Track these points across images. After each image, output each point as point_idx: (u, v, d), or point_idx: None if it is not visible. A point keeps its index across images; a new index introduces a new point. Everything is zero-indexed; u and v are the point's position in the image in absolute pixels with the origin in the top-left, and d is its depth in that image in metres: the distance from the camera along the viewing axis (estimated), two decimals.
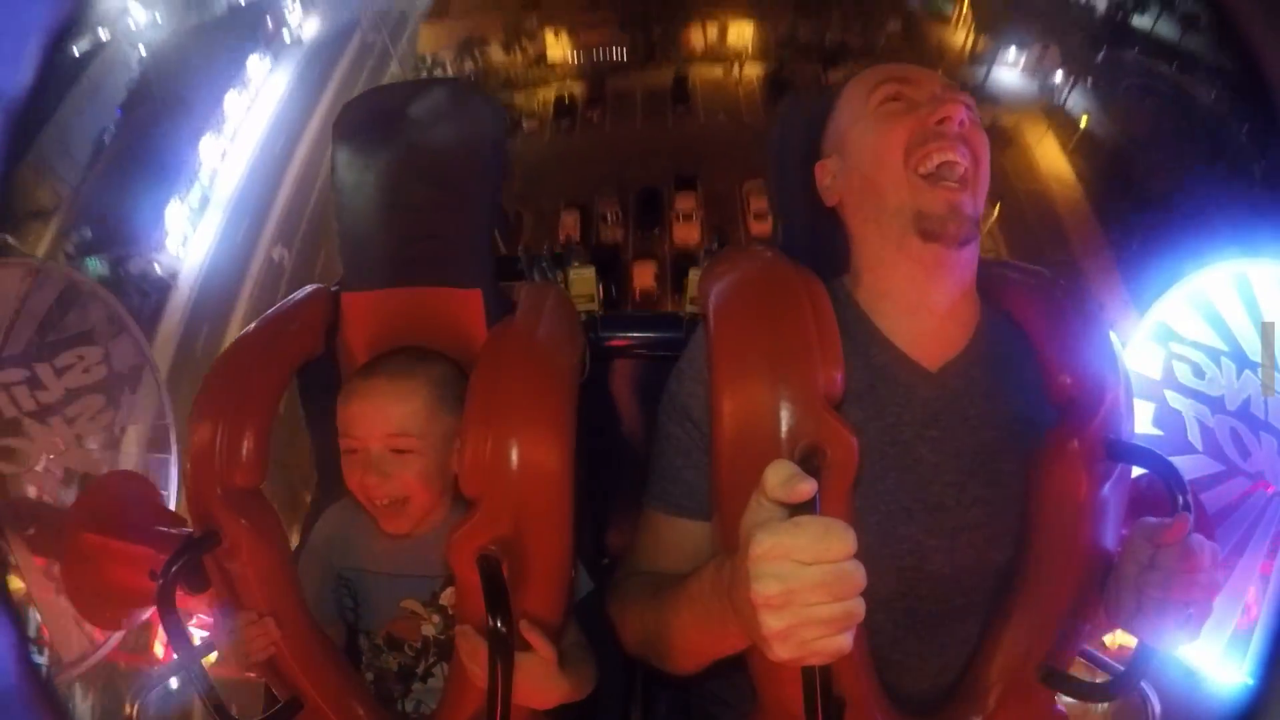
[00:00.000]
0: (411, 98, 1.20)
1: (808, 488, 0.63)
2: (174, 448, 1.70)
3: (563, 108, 15.49)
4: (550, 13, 15.89)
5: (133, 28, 20.99)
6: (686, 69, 15.66)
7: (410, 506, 1.05)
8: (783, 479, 0.64)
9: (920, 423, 0.93)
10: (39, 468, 1.53)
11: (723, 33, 15.83)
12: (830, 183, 1.01)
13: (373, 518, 1.10)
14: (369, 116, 1.23)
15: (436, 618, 1.08)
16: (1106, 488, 0.90)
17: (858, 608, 0.63)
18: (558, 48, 15.96)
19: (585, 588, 1.12)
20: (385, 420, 1.03)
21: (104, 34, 22.03)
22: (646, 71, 15.71)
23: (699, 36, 15.77)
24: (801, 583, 0.61)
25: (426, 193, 1.19)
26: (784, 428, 0.82)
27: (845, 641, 0.63)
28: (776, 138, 1.15)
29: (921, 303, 0.95)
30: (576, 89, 15.75)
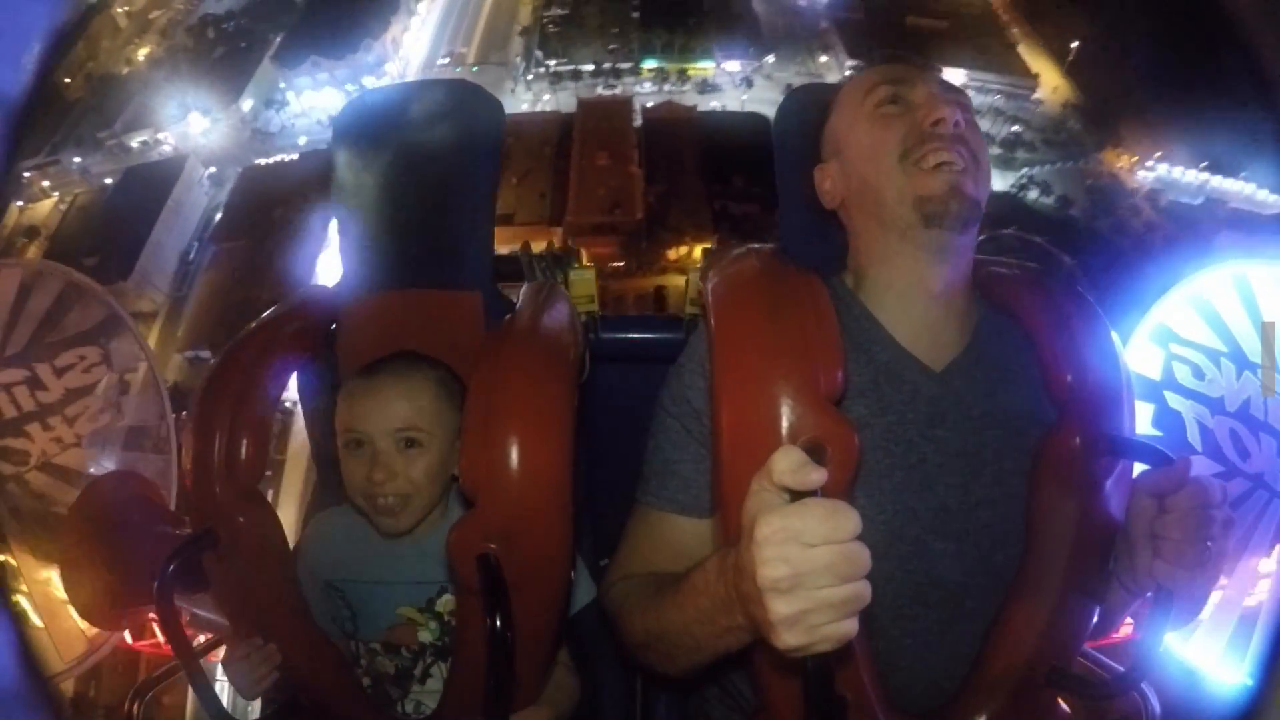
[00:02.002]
0: (411, 98, 1.20)
1: (818, 476, 0.64)
2: (174, 448, 1.70)
3: None
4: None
5: (194, 136, 22.06)
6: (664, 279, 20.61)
7: (412, 505, 1.05)
8: (793, 465, 0.65)
9: (925, 422, 0.93)
10: (39, 468, 1.53)
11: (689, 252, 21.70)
12: (829, 186, 1.01)
13: (366, 524, 1.10)
14: (369, 117, 1.23)
15: (434, 624, 1.08)
16: (1109, 483, 0.90)
17: (864, 590, 0.63)
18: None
19: (589, 594, 1.12)
20: (394, 415, 1.03)
21: (164, 138, 22.77)
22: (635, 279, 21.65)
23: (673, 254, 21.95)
24: (809, 565, 0.62)
25: (425, 194, 1.19)
26: (785, 424, 0.82)
27: (851, 626, 0.63)
28: (776, 138, 1.15)
29: (924, 293, 0.95)
30: None
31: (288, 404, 1.28)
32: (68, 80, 24.48)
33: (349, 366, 1.19)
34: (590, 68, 26.67)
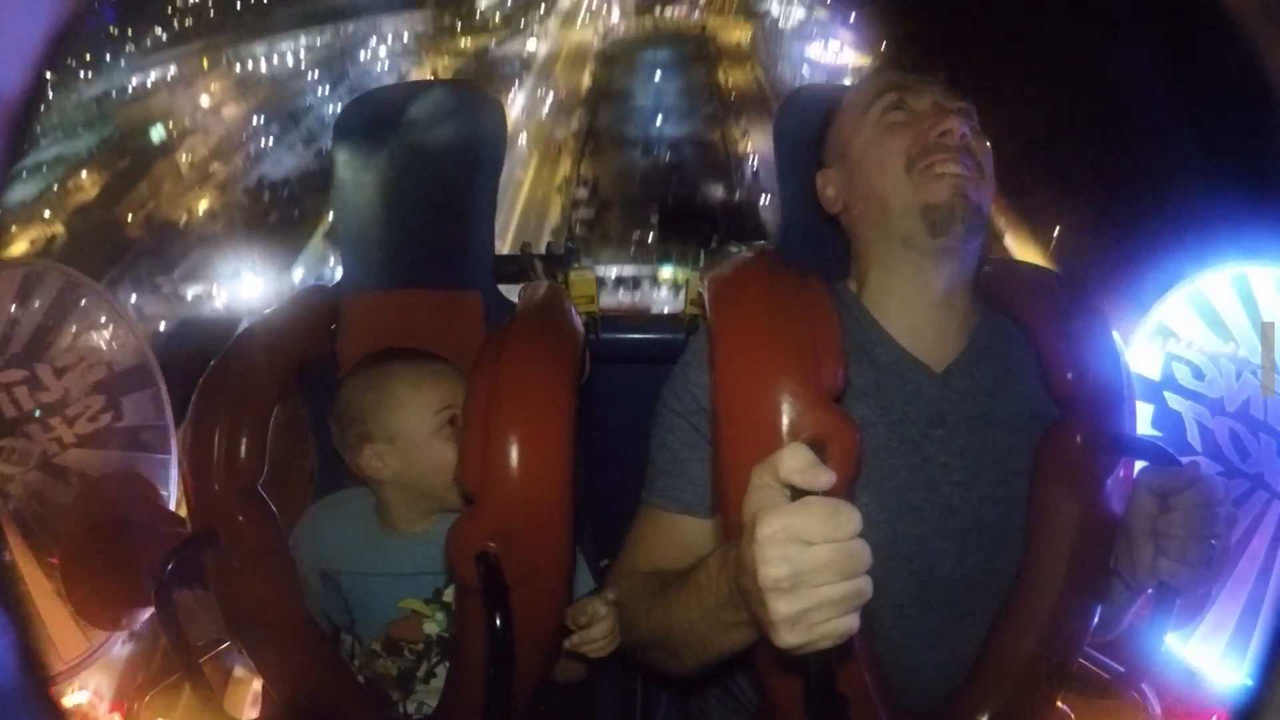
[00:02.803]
0: (411, 98, 1.20)
1: (827, 479, 0.63)
2: (174, 448, 1.69)
3: None
4: None
5: (246, 298, 22.96)
6: None
7: (434, 490, 1.07)
8: (802, 465, 0.64)
9: (926, 422, 0.93)
10: (39, 468, 1.53)
11: None
12: (832, 193, 1.02)
13: (369, 511, 1.10)
14: (369, 117, 1.23)
15: (440, 615, 1.07)
16: (1109, 481, 0.90)
17: (865, 585, 0.63)
18: None
19: (587, 588, 1.12)
20: (458, 392, 1.05)
21: (218, 293, 23.09)
22: None
23: None
24: (810, 563, 0.61)
25: (425, 194, 1.19)
26: (785, 421, 0.82)
27: (853, 622, 0.63)
28: (776, 142, 1.15)
29: (927, 299, 0.95)
30: None
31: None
32: (128, 216, 25.35)
33: (350, 365, 1.19)
34: (614, 274, 27.63)
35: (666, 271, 27.58)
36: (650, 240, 28.66)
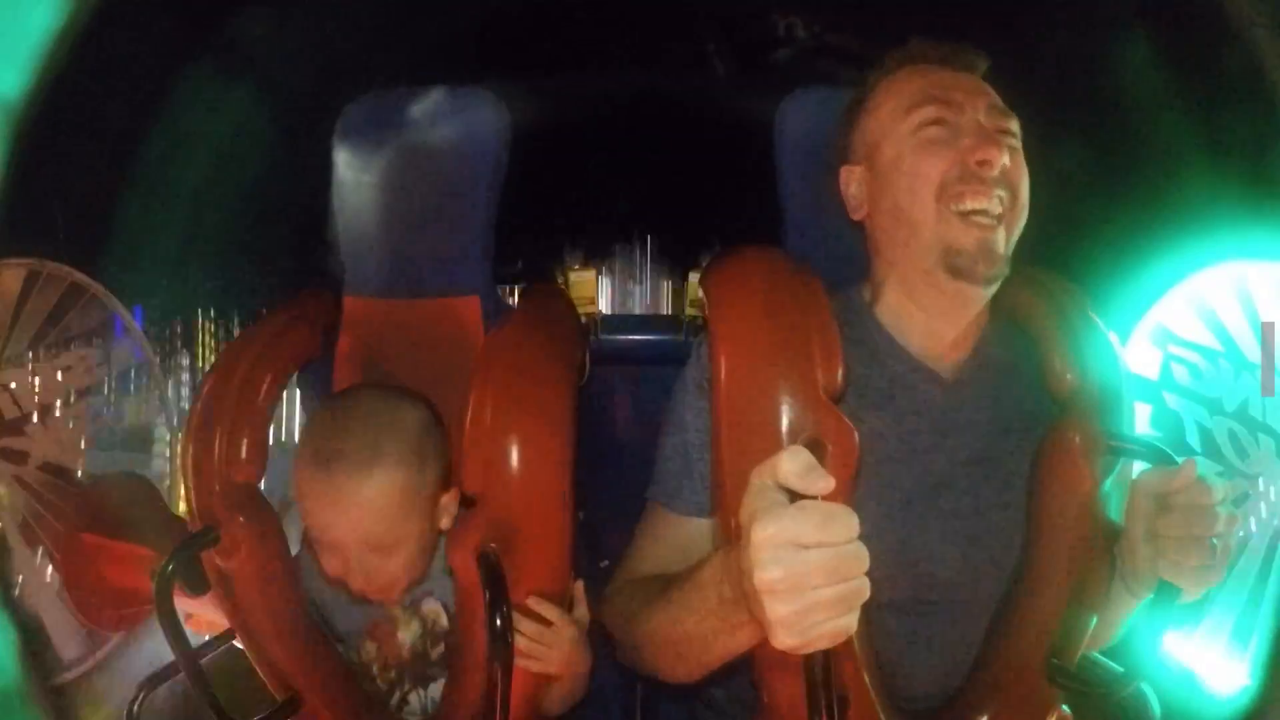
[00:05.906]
0: (413, 100, 1.20)
1: (825, 484, 0.62)
2: (174, 448, 1.70)
3: None
4: None
5: None
6: None
7: (398, 585, 1.02)
8: (800, 469, 0.63)
9: (936, 430, 0.93)
10: (39, 468, 1.53)
11: None
12: (856, 191, 0.99)
13: None
14: (370, 118, 1.23)
15: (415, 624, 1.06)
16: (1109, 482, 0.90)
17: (862, 586, 0.62)
18: None
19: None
20: (357, 528, 0.93)
21: None
22: None
23: None
24: (804, 567, 0.61)
25: (425, 196, 1.19)
26: (784, 421, 0.82)
27: (850, 622, 0.62)
28: (779, 142, 1.13)
29: (940, 323, 0.95)
30: None
31: None
32: None
33: (346, 368, 1.19)
34: None
35: None
36: None
